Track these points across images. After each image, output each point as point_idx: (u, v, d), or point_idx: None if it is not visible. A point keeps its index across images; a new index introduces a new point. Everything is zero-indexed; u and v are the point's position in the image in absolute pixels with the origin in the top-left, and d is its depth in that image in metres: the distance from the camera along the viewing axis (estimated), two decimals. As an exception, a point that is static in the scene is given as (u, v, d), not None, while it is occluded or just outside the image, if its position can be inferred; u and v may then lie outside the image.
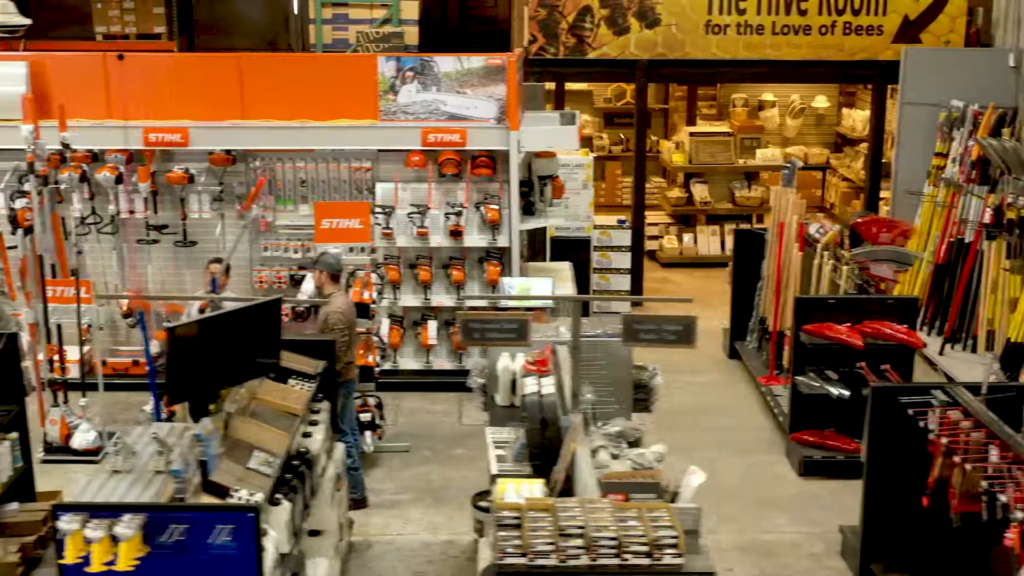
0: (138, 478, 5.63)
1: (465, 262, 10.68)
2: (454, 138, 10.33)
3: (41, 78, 10.40)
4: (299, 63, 11.00)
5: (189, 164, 10.50)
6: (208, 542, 5.14)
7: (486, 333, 6.23)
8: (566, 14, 12.65)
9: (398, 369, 10.75)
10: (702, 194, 15.29)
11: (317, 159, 10.71)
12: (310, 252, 10.74)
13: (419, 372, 10.77)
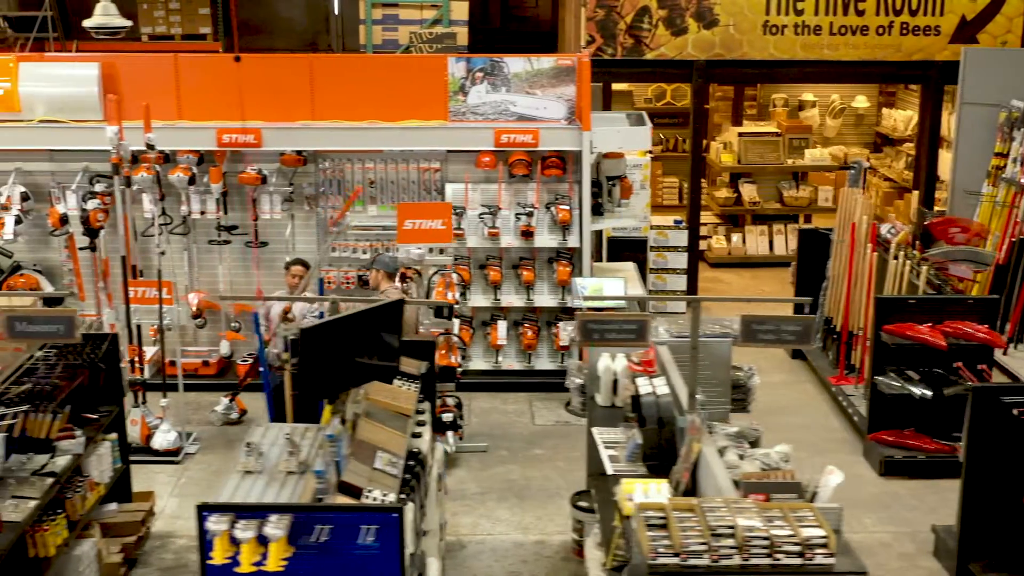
0: (272, 479, 5.65)
1: (535, 262, 10.70)
2: (526, 139, 10.34)
3: (112, 79, 10.42)
4: (369, 64, 11.00)
5: (261, 165, 10.49)
6: (353, 542, 5.16)
7: (605, 334, 6.23)
8: (624, 15, 12.66)
9: (467, 369, 10.75)
10: (751, 194, 15.31)
11: (386, 160, 10.73)
12: (379, 252, 10.78)
13: (488, 372, 10.78)
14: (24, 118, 10.40)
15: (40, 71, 10.41)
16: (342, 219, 8.84)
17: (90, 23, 10.75)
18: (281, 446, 5.99)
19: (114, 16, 10.27)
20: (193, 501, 8.54)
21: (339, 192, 10.77)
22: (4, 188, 10.45)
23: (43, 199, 10.67)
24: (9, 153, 10.49)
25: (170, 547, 8.01)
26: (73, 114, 10.39)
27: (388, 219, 10.80)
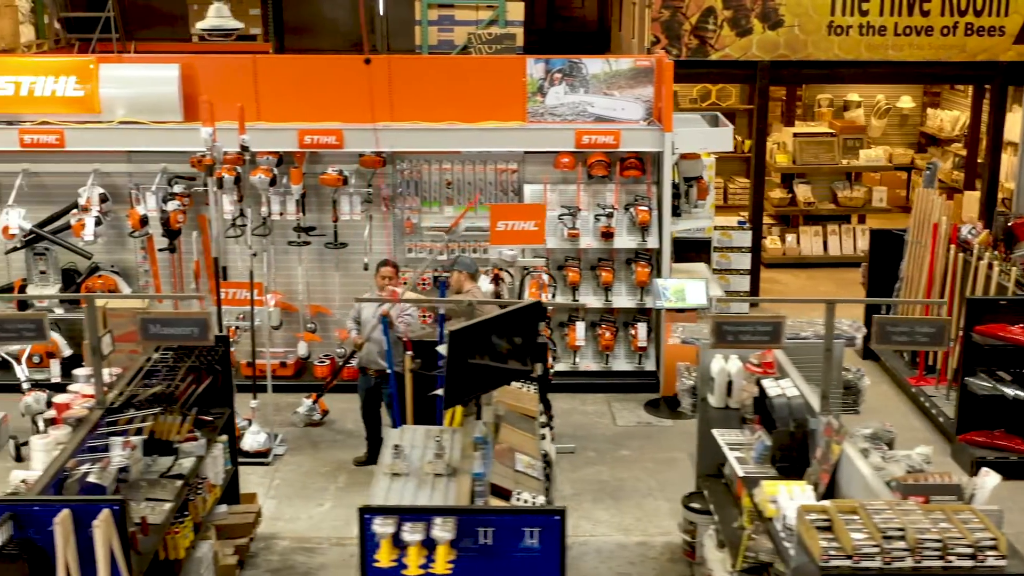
0: (421, 481, 5.65)
1: (613, 263, 10.69)
2: (607, 140, 10.35)
3: (191, 80, 10.42)
4: (447, 65, 11.01)
5: (341, 166, 10.49)
6: (514, 544, 5.15)
7: (740, 336, 6.24)
8: (689, 15, 12.65)
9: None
10: (805, 194, 15.30)
11: (464, 161, 10.73)
12: (454, 253, 10.78)
13: (566, 373, 10.76)
14: (104, 119, 10.39)
15: (120, 73, 10.40)
16: (456, 226, 8.82)
17: (203, 25, 10.78)
18: (421, 448, 5.98)
19: (228, 18, 10.27)
20: (289, 502, 8.62)
21: (416, 193, 10.77)
22: (83, 189, 10.45)
23: (120, 200, 10.67)
24: (88, 155, 10.48)
25: (275, 549, 8.01)
26: (152, 115, 10.39)
27: (464, 220, 10.79)
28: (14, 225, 10.34)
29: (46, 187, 10.71)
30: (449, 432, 6.22)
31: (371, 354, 8.89)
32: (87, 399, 6.51)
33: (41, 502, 5.28)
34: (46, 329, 6.23)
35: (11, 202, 10.41)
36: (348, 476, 9.14)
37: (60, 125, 10.29)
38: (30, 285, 10.68)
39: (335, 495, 8.83)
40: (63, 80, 10.24)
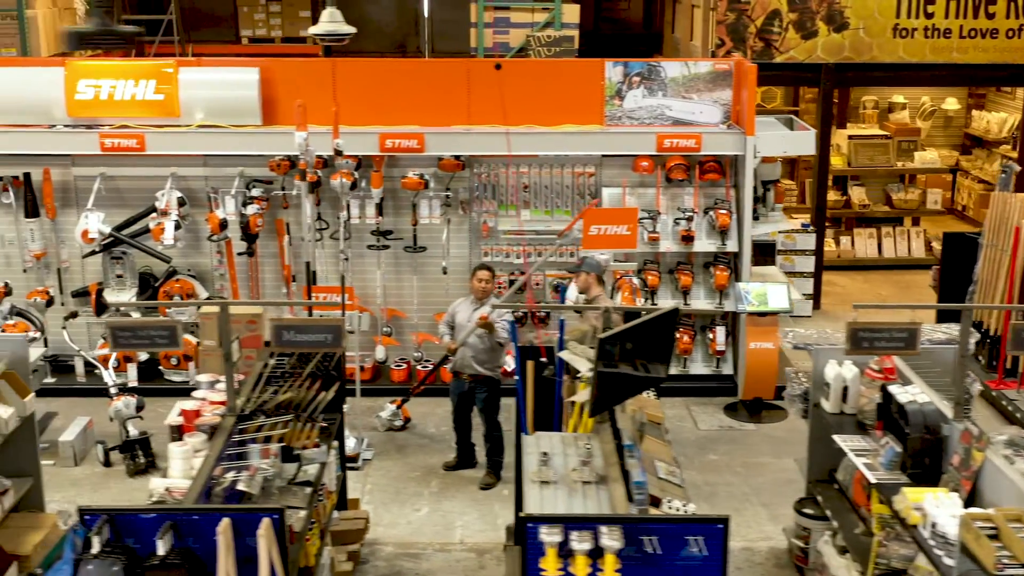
0: (571, 490, 5.62)
1: (692, 267, 10.67)
2: (689, 143, 10.33)
3: (269, 84, 10.39)
4: (525, 68, 10.97)
5: (422, 170, 10.47)
6: (677, 553, 5.13)
7: (875, 342, 6.22)
8: (755, 18, 12.64)
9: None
10: (860, 196, 15.29)
11: (541, 164, 10.71)
12: (531, 257, 10.78)
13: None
14: (182, 123, 10.36)
15: (200, 76, 10.38)
16: (570, 231, 8.77)
17: (316, 30, 10.78)
18: (561, 455, 5.95)
19: (340, 23, 10.24)
20: (386, 508, 8.60)
21: (493, 197, 10.75)
22: (161, 193, 10.44)
23: (196, 204, 10.66)
24: (164, 158, 10.46)
25: (380, 555, 7.99)
26: (231, 119, 10.37)
27: (540, 223, 10.80)
28: (93, 229, 10.32)
29: (121, 191, 10.70)
30: (584, 439, 6.20)
31: (465, 358, 8.86)
32: (214, 406, 6.48)
33: (200, 511, 5.26)
34: (179, 336, 6.20)
35: (90, 206, 10.39)
36: (440, 481, 9.12)
37: (140, 129, 10.26)
38: (107, 289, 10.65)
39: (430, 500, 8.81)
40: (143, 84, 10.22)
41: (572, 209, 10.76)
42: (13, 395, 7.39)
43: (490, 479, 9.02)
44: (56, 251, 10.76)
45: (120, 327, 6.23)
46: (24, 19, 12.50)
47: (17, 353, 7.56)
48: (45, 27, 12.78)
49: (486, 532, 8.33)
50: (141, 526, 5.22)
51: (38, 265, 10.74)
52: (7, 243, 10.79)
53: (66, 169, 10.65)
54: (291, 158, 10.42)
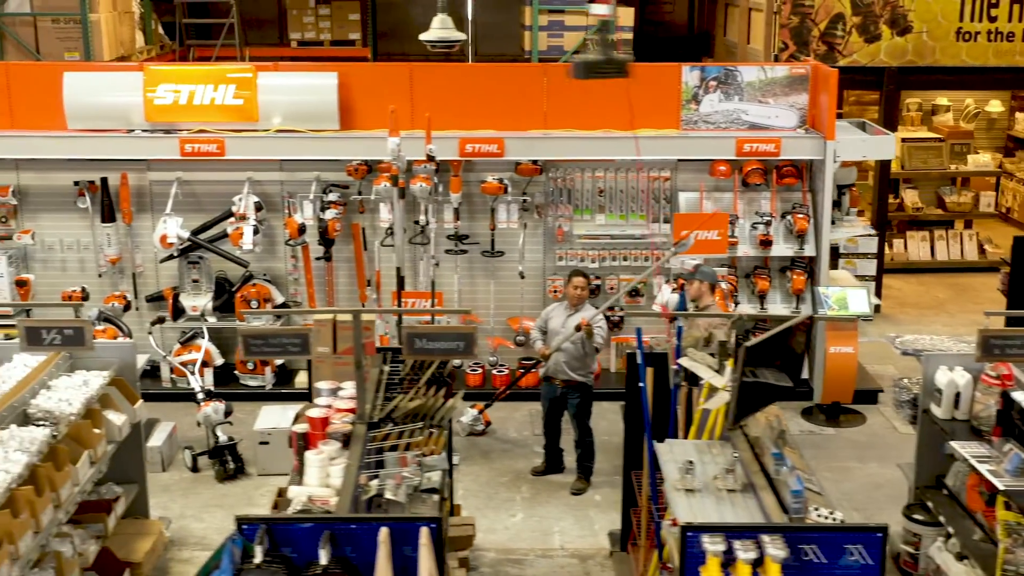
0: (718, 498, 5.63)
1: (769, 271, 10.68)
2: (768, 148, 10.33)
3: (346, 88, 10.39)
4: (600, 73, 10.95)
5: (501, 174, 10.48)
6: (835, 561, 5.13)
7: (1007, 349, 6.23)
8: (818, 21, 12.64)
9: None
10: (913, 199, 15.29)
11: (616, 168, 10.71)
12: (606, 262, 10.79)
13: (720, 381, 10.73)
14: (259, 128, 10.36)
15: (279, 81, 10.38)
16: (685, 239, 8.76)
17: (427, 36, 10.80)
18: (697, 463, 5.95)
19: (451, 29, 10.24)
20: (481, 513, 8.59)
21: (568, 201, 10.75)
22: (238, 198, 10.44)
23: (270, 209, 10.65)
24: (240, 163, 10.46)
25: (484, 560, 7.99)
26: (309, 123, 10.36)
27: (616, 228, 10.81)
28: (172, 234, 10.32)
29: (197, 195, 10.70)
30: (717, 446, 6.21)
31: (558, 364, 8.86)
32: (341, 413, 6.46)
33: (358, 520, 5.25)
34: (310, 344, 6.20)
35: (168, 211, 10.38)
36: (530, 486, 9.12)
37: (219, 134, 10.25)
38: (182, 294, 10.66)
39: (523, 505, 8.81)
40: (222, 89, 10.20)
41: (647, 214, 10.76)
42: (124, 402, 7.42)
43: (581, 484, 9.02)
44: (131, 256, 10.75)
45: (252, 335, 6.23)
46: (88, 23, 12.47)
47: (125, 360, 7.60)
48: (107, 31, 12.76)
49: (585, 538, 8.32)
50: (297, 535, 5.22)
51: (112, 270, 10.74)
52: (82, 248, 10.79)
53: (142, 174, 10.65)
54: (369, 163, 10.43)
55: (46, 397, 6.87)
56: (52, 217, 10.74)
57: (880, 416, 10.51)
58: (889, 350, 11.45)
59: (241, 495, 8.96)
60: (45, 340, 6.28)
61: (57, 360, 7.26)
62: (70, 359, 7.40)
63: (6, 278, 10.53)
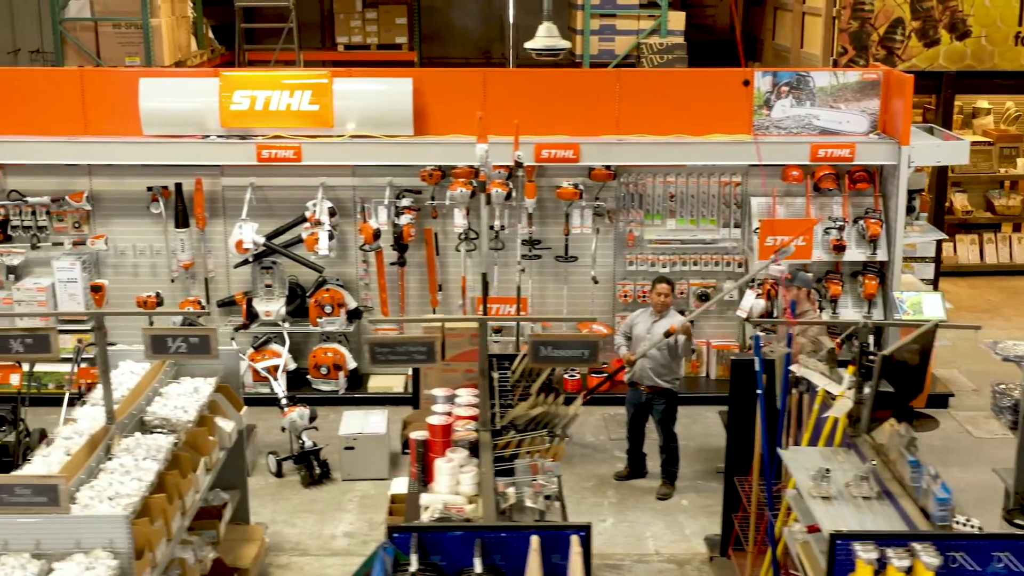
0: (856, 506, 5.65)
1: (841, 276, 10.71)
2: (843, 153, 10.37)
3: (420, 94, 10.42)
4: (672, 78, 10.99)
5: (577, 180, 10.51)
6: (983, 568, 5.17)
7: None
8: (878, 26, 12.67)
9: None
10: (963, 203, 15.33)
11: (687, 173, 10.74)
12: (676, 266, 10.82)
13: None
14: (334, 133, 10.39)
15: (355, 87, 10.41)
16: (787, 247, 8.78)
17: (532, 44, 10.83)
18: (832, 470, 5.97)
19: (557, 38, 10.27)
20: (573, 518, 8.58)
21: (639, 206, 10.78)
22: (312, 203, 10.46)
23: (342, 214, 10.68)
24: (313, 169, 10.49)
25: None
26: (384, 129, 10.39)
27: (686, 233, 10.84)
28: (247, 239, 10.34)
29: (269, 201, 10.73)
30: (841, 453, 6.24)
31: (644, 370, 8.89)
32: (461, 420, 6.48)
33: (508, 528, 5.29)
34: (437, 352, 6.24)
35: (244, 216, 10.41)
36: (615, 491, 9.15)
37: (296, 140, 10.28)
38: (255, 299, 10.68)
39: (611, 510, 8.84)
40: (298, 94, 10.23)
41: (718, 218, 10.80)
42: (231, 408, 7.44)
43: (667, 489, 9.05)
44: (203, 261, 10.78)
45: (380, 343, 6.25)
46: (149, 28, 12.52)
47: (229, 366, 7.62)
48: (167, 36, 12.81)
49: (678, 543, 8.36)
50: (448, 544, 5.26)
51: (185, 275, 10.77)
52: (154, 253, 10.82)
53: (215, 179, 10.68)
54: (443, 168, 10.46)
55: (161, 404, 6.91)
56: (124, 222, 10.77)
57: (952, 420, 10.55)
58: (957, 354, 11.56)
59: (329, 500, 8.99)
60: (171, 348, 6.29)
61: (164, 367, 7.30)
62: (175, 365, 7.43)
63: (80, 283, 10.56)
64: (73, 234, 10.74)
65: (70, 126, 10.48)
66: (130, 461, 6.12)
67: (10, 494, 5.29)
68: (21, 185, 10.66)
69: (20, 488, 5.29)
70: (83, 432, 6.48)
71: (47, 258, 10.75)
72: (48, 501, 5.29)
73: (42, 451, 6.29)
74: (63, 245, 10.72)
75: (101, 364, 6.41)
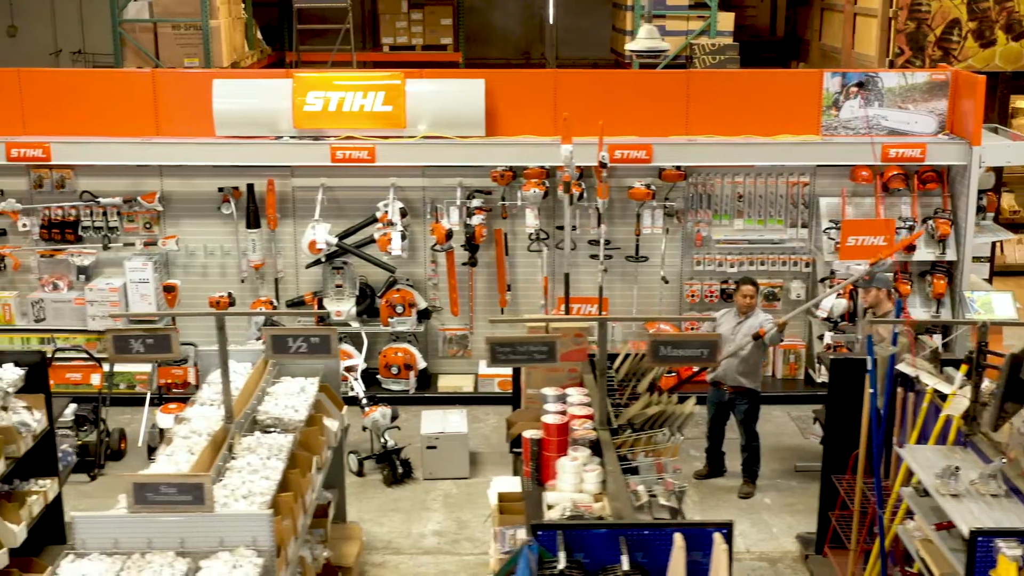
0: (987, 503, 5.70)
1: (910, 275, 10.76)
2: (914, 153, 10.41)
3: (491, 95, 10.46)
4: (741, 79, 11.03)
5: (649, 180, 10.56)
6: None
7: None
8: (934, 27, 12.73)
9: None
10: (1009, 203, 15.39)
11: (755, 174, 10.79)
12: (743, 267, 10.86)
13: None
14: (406, 134, 10.43)
15: (427, 88, 10.45)
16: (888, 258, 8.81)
17: (633, 46, 10.88)
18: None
19: (658, 40, 10.32)
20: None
21: (708, 206, 10.83)
22: (383, 204, 10.51)
23: (411, 214, 10.73)
24: (383, 169, 10.53)
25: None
26: (455, 130, 10.44)
27: (754, 233, 10.89)
28: (321, 240, 10.39)
29: (338, 201, 10.77)
30: (958, 451, 6.28)
31: (728, 370, 8.93)
32: (577, 419, 6.52)
33: (651, 526, 5.34)
34: (557, 352, 6.28)
35: (317, 216, 10.46)
36: (695, 490, 9.17)
37: (369, 141, 10.32)
38: (325, 299, 10.73)
39: (695, 510, 8.84)
40: (371, 96, 10.28)
41: (785, 218, 10.85)
42: (333, 408, 7.49)
43: (749, 488, 9.10)
44: (274, 261, 10.83)
45: (500, 343, 6.29)
46: (208, 29, 12.56)
47: (329, 366, 7.66)
48: (225, 37, 12.85)
49: (767, 541, 8.40)
50: (590, 541, 5.30)
51: (254, 275, 10.82)
52: (224, 253, 10.86)
53: (285, 180, 10.72)
54: (514, 169, 10.51)
55: (272, 404, 6.95)
56: (194, 223, 10.82)
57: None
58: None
59: (413, 499, 9.04)
60: (291, 348, 6.34)
61: (269, 367, 7.34)
62: (277, 365, 7.48)
63: (152, 283, 10.60)
64: (144, 235, 10.78)
65: (142, 127, 10.53)
66: (256, 460, 6.17)
67: (155, 493, 5.33)
68: (92, 186, 10.71)
69: (165, 487, 5.33)
70: (201, 431, 6.52)
71: (117, 259, 10.80)
72: (193, 500, 5.32)
73: (164, 450, 6.33)
74: (134, 246, 10.75)
75: (222, 364, 6.45)
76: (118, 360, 8.32)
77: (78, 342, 10.53)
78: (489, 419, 10.38)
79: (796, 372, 11.02)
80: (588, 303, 9.66)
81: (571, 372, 7.30)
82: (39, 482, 7.63)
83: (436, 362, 11.09)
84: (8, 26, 17.76)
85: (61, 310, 10.70)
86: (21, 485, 7.54)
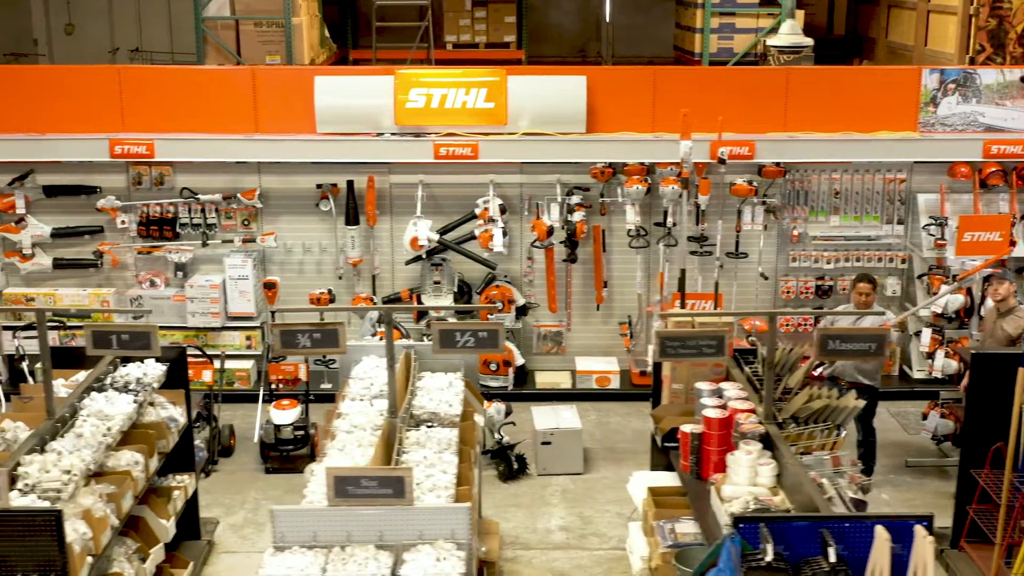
0: None
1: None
2: (1016, 150, 10.44)
3: (592, 92, 10.48)
4: (838, 76, 11.01)
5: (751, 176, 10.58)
6: None
7: None
8: (1015, 24, 12.74)
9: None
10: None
11: (852, 170, 10.80)
12: (839, 263, 10.88)
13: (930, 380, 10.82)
14: (506, 131, 10.44)
15: (529, 85, 10.46)
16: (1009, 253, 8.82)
17: (775, 41, 10.90)
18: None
19: (799, 35, 10.33)
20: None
21: (804, 203, 10.85)
22: (483, 200, 10.53)
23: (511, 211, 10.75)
24: (482, 166, 10.54)
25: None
26: (556, 127, 10.45)
27: (850, 229, 10.91)
28: (422, 236, 10.40)
29: (436, 198, 10.78)
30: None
31: (847, 367, 8.93)
32: (742, 414, 6.54)
33: (852, 519, 5.37)
34: (726, 346, 6.30)
35: (418, 213, 10.47)
36: (811, 485, 9.19)
37: (472, 138, 10.34)
38: (423, 295, 10.74)
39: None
40: (474, 92, 10.29)
41: (881, 215, 10.87)
42: (476, 402, 7.50)
43: (865, 483, 9.09)
44: (371, 258, 10.84)
45: (670, 337, 6.32)
46: (291, 27, 12.57)
47: (469, 361, 7.68)
48: (307, 34, 12.85)
49: (893, 536, 8.40)
50: (790, 534, 5.32)
51: (351, 272, 10.83)
52: (322, 250, 10.87)
53: (383, 176, 10.73)
54: (614, 165, 10.53)
55: (426, 398, 6.97)
56: (292, 220, 10.83)
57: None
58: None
59: (532, 495, 9.05)
60: (459, 343, 6.36)
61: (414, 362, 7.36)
62: (418, 360, 7.50)
63: (251, 280, 10.62)
64: (242, 231, 10.79)
65: (241, 124, 10.53)
66: (431, 454, 6.19)
67: (356, 486, 5.35)
68: (190, 183, 10.72)
69: (366, 480, 5.35)
70: (363, 426, 6.54)
71: (215, 256, 10.82)
72: (394, 493, 5.34)
73: (336, 444, 6.34)
74: (232, 243, 10.77)
75: (389, 359, 6.46)
76: (285, 354, 8.31)
77: (176, 339, 10.57)
78: (590, 415, 10.39)
79: (891, 369, 11.03)
80: (700, 299, 9.68)
81: (715, 367, 7.33)
82: (177, 477, 7.66)
83: (530, 359, 11.10)
84: (65, 24, 17.77)
85: (160, 307, 10.70)
86: (161, 481, 7.57)
